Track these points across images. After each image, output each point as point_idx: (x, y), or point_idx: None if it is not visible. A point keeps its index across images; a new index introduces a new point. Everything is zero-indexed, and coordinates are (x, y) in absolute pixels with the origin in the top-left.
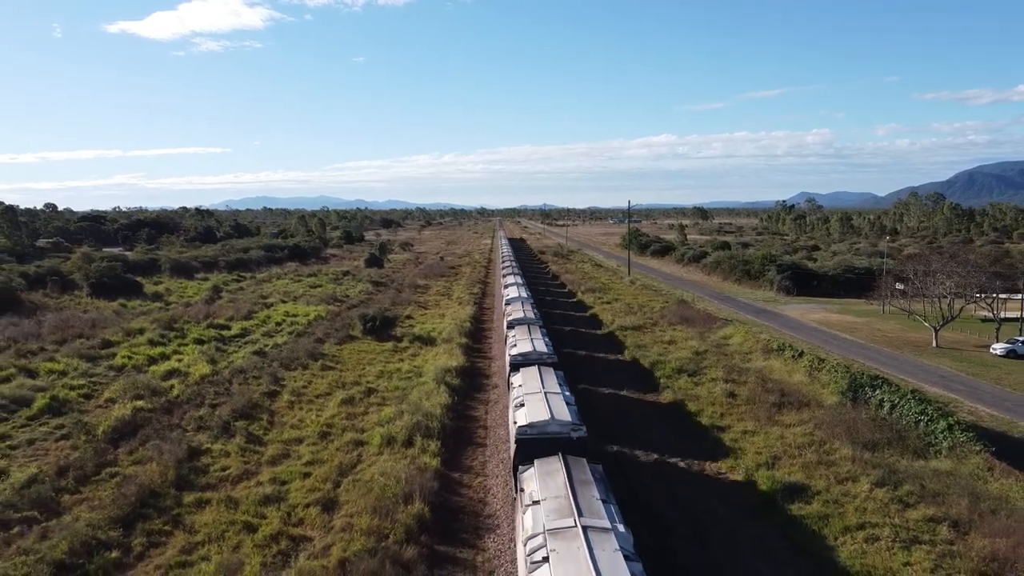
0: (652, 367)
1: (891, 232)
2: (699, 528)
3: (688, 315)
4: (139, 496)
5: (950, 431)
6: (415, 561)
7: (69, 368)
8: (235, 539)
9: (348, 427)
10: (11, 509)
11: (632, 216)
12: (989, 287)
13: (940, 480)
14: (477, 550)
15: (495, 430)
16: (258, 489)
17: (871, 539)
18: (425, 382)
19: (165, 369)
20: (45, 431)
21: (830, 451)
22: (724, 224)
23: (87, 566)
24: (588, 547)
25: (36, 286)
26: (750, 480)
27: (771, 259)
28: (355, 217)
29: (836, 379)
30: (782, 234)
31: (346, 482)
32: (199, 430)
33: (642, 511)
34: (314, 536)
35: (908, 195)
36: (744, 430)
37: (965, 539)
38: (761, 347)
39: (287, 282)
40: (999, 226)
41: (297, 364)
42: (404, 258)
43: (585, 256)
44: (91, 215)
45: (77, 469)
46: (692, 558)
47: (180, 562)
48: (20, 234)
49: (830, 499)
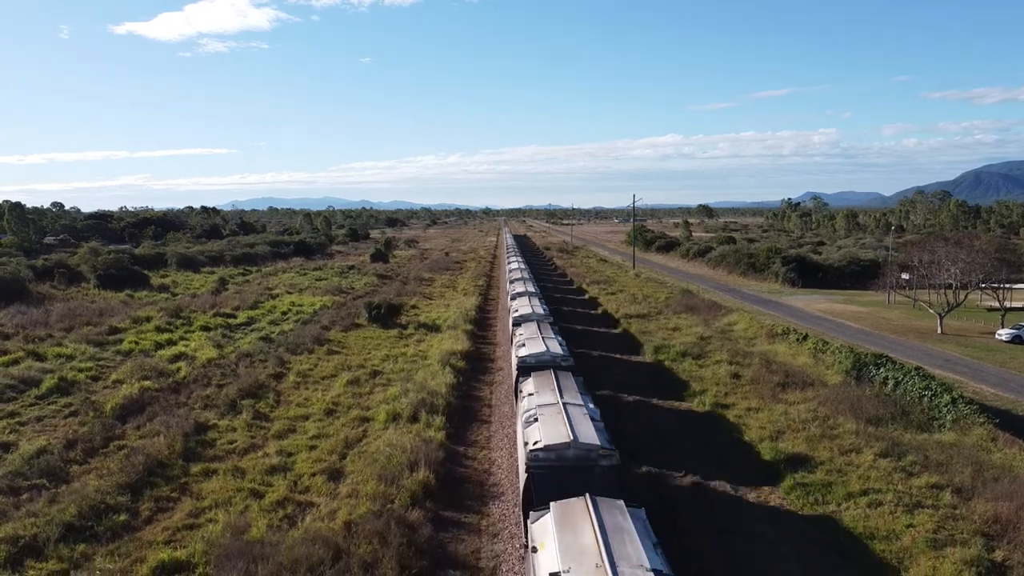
0: (656, 350)
1: (897, 229)
2: (700, 495)
3: (693, 304)
4: (147, 466)
5: (954, 404)
6: (420, 523)
7: (77, 353)
8: (242, 504)
9: (354, 405)
10: (20, 477)
11: (637, 214)
12: (995, 273)
13: (944, 451)
14: (482, 515)
15: (499, 408)
16: (265, 460)
17: (874, 504)
18: (430, 364)
19: (172, 353)
20: (53, 409)
21: (834, 426)
22: (729, 223)
23: (95, 527)
24: (565, 411)
25: (44, 278)
26: (754, 450)
27: (776, 252)
28: (360, 216)
29: (840, 359)
30: (788, 231)
31: (352, 454)
32: (206, 408)
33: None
34: (320, 502)
35: (914, 193)
36: (748, 407)
37: (968, 504)
38: (765, 332)
39: (293, 275)
40: (1005, 223)
41: (303, 349)
42: (409, 254)
43: (590, 252)
44: (97, 214)
45: (85, 442)
46: (693, 518)
47: (187, 524)
48: (28, 231)
49: (833, 468)
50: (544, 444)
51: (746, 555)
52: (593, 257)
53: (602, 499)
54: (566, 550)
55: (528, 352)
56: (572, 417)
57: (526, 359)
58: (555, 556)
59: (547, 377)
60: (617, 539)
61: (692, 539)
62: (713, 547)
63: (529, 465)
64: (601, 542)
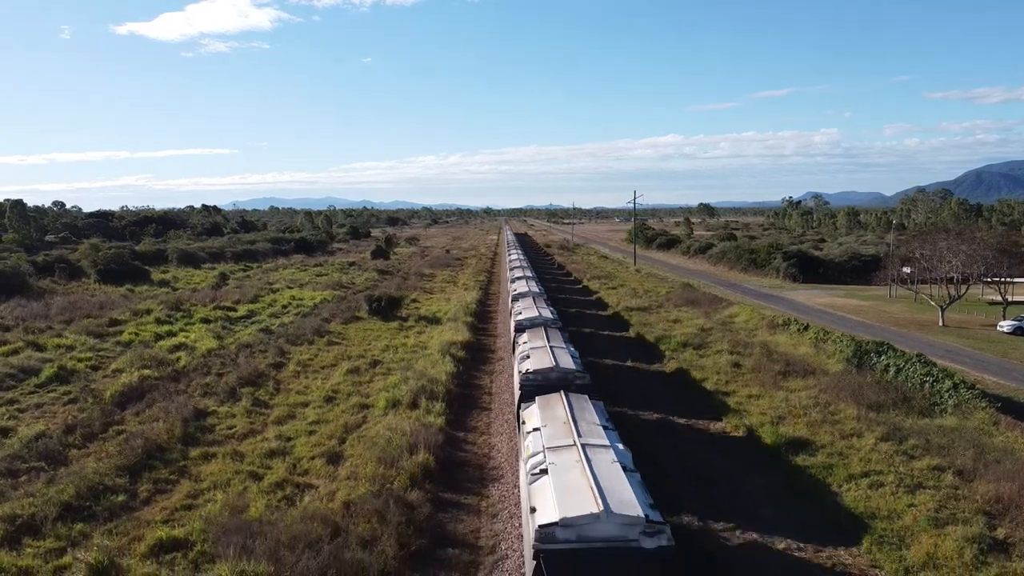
0: (657, 341)
1: (898, 227)
2: (703, 477)
3: (693, 297)
4: (146, 449)
5: (955, 390)
6: (420, 503)
7: (77, 343)
8: (240, 486)
9: (353, 392)
10: (19, 460)
11: (638, 213)
12: (996, 265)
13: (945, 435)
14: (481, 497)
15: (499, 395)
16: (264, 444)
17: (875, 485)
18: (431, 354)
19: (172, 344)
20: (52, 396)
21: (835, 411)
22: (731, 222)
23: (94, 508)
24: (587, 460)
25: (44, 274)
26: (755, 436)
27: (777, 247)
28: (361, 215)
29: (841, 348)
30: (789, 229)
31: (351, 438)
32: (205, 395)
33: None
34: (319, 484)
35: (915, 191)
36: (749, 395)
37: (970, 485)
38: (766, 323)
39: (293, 271)
40: (1007, 221)
41: (303, 340)
42: (410, 251)
43: (591, 249)
44: (98, 213)
45: (84, 427)
46: (692, 496)
47: (186, 505)
48: (29, 229)
49: (834, 452)
50: (560, 517)
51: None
52: (594, 254)
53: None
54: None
55: (534, 367)
56: (598, 472)
57: (532, 376)
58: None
59: (558, 402)
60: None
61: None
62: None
63: (539, 550)
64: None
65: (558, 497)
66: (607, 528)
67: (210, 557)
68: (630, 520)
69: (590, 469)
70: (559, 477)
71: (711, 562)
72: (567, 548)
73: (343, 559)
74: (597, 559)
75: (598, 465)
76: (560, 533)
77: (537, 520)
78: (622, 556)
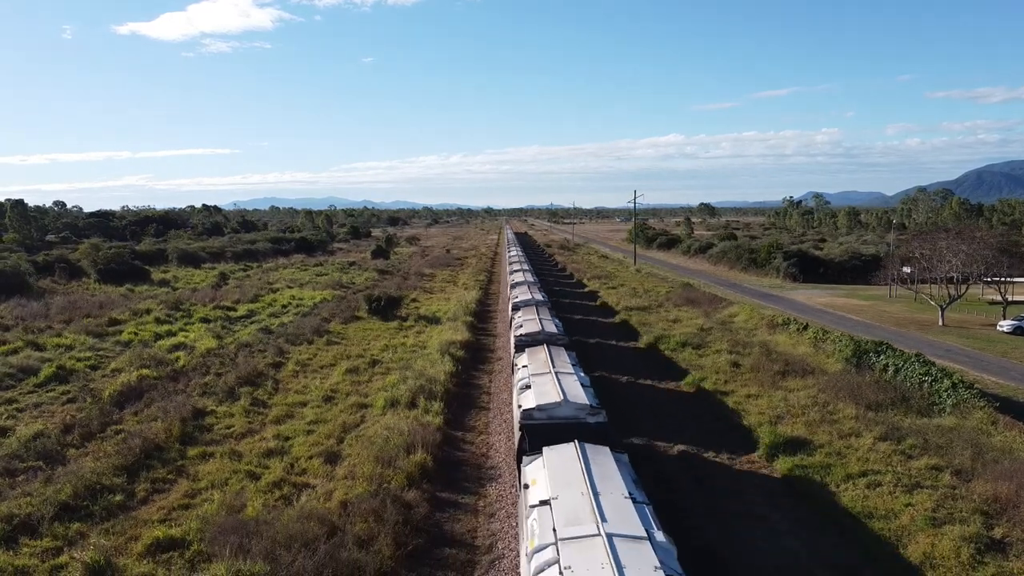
0: (656, 340)
1: (899, 227)
2: (698, 474)
3: (693, 297)
4: (143, 449)
5: (954, 389)
6: (417, 502)
7: (76, 343)
8: (238, 485)
9: (352, 392)
10: (16, 459)
11: (638, 213)
12: (996, 265)
13: (944, 435)
14: (479, 496)
15: (498, 395)
16: (262, 444)
17: (873, 485)
18: (430, 353)
19: (171, 344)
20: (51, 396)
21: (833, 411)
22: (731, 221)
23: (91, 507)
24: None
25: (44, 273)
26: (753, 434)
27: (778, 247)
28: (362, 215)
29: (840, 347)
30: (789, 229)
31: (349, 438)
32: (204, 395)
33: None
34: (317, 483)
35: (916, 191)
36: (748, 394)
37: (967, 484)
38: (766, 323)
39: (293, 271)
40: (1008, 220)
41: (302, 340)
42: (410, 251)
43: (591, 249)
44: (99, 213)
45: (82, 427)
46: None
47: (183, 504)
48: (29, 228)
49: (832, 451)
50: (536, 404)
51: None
52: (594, 254)
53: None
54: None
55: (525, 331)
56: (563, 382)
57: (523, 337)
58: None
59: (541, 351)
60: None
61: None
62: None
63: (523, 424)
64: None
65: (536, 395)
66: (565, 411)
67: (206, 556)
68: (580, 406)
69: (558, 382)
70: (537, 386)
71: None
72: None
73: (339, 558)
74: (559, 429)
75: (564, 381)
76: (536, 414)
77: (522, 408)
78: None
